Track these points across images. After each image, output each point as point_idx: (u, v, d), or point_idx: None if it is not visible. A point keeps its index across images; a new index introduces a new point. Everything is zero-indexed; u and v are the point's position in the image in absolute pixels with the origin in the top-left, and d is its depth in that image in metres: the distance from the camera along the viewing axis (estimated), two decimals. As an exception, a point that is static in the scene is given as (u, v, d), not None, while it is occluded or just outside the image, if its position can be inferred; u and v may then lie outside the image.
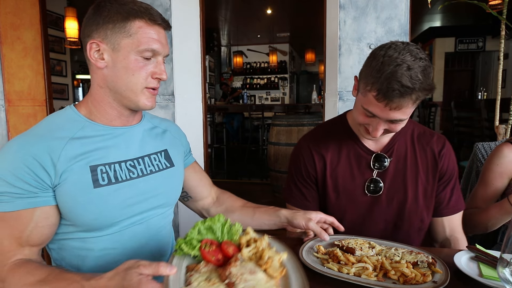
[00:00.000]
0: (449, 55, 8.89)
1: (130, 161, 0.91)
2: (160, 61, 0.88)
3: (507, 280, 0.58)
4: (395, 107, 0.91)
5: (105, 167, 0.86)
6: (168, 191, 1.00)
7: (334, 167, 1.14)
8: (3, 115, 3.12)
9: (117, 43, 0.83)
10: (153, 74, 0.87)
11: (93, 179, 0.83)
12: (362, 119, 1.01)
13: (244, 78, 10.49)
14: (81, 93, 9.42)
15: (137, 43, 0.83)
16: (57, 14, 5.68)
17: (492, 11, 2.08)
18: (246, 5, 6.65)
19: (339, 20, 2.29)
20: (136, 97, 0.87)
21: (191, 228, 0.73)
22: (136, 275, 0.62)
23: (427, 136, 1.14)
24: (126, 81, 0.85)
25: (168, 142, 1.04)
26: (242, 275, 0.65)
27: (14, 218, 0.77)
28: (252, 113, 6.62)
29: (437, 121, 7.19)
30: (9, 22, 3.10)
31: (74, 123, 0.87)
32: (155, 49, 0.85)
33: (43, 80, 3.41)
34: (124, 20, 0.83)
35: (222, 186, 1.21)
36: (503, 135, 2.08)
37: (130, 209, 0.89)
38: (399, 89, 0.88)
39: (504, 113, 2.32)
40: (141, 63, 0.85)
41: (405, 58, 0.90)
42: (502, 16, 2.06)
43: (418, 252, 0.89)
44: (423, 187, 1.10)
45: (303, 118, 4.02)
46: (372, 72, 0.93)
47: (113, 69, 0.85)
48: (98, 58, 0.86)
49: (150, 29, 0.84)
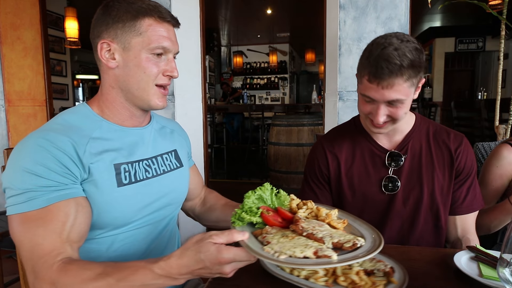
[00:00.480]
0: (449, 55, 8.89)
1: (146, 161, 0.92)
2: (171, 59, 0.88)
3: (507, 280, 0.58)
4: (386, 85, 0.94)
5: (127, 166, 0.86)
6: (178, 191, 1.01)
7: (349, 166, 1.14)
8: (3, 115, 3.12)
9: (128, 42, 0.83)
10: (164, 72, 0.87)
11: (117, 178, 0.83)
12: (364, 108, 1.03)
13: (244, 78, 10.50)
14: (81, 93, 9.42)
15: (148, 41, 0.83)
16: (57, 14, 5.68)
17: (492, 11, 2.09)
18: (246, 5, 6.65)
19: (339, 20, 2.29)
20: (148, 96, 0.87)
21: (244, 199, 0.77)
22: (211, 244, 0.63)
23: (443, 133, 1.13)
24: (138, 80, 0.85)
25: (176, 142, 1.06)
26: (314, 227, 0.71)
27: (52, 213, 0.72)
28: (252, 113, 6.62)
29: (437, 121, 7.19)
30: (9, 22, 3.10)
31: (91, 122, 0.86)
32: (166, 46, 0.85)
33: (43, 80, 3.41)
34: (133, 19, 0.83)
35: (222, 186, 1.22)
36: (503, 135, 2.08)
37: (145, 208, 0.89)
38: (387, 66, 0.91)
39: (504, 113, 2.32)
40: (152, 61, 0.85)
41: (392, 41, 0.94)
42: (502, 16, 2.06)
43: (378, 260, 0.82)
44: (440, 185, 1.09)
45: (303, 118, 4.02)
46: (363, 60, 0.99)
47: (124, 68, 0.85)
48: (109, 58, 0.85)
49: (160, 27, 0.84)
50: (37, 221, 0.71)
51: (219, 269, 0.64)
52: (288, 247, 0.64)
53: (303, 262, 0.61)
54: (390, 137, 1.12)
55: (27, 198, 0.72)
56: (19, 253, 0.75)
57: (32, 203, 0.72)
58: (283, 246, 0.64)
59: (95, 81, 10.05)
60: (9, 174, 0.75)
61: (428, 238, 1.11)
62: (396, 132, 1.11)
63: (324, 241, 0.67)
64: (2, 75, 3.06)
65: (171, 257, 0.66)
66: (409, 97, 0.98)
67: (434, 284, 0.80)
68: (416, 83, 0.97)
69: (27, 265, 0.71)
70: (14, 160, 0.75)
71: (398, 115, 0.99)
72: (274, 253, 0.63)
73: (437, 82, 8.87)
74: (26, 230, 0.71)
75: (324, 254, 0.63)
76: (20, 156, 0.75)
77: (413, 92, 0.99)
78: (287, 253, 0.62)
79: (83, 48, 6.51)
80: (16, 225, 0.72)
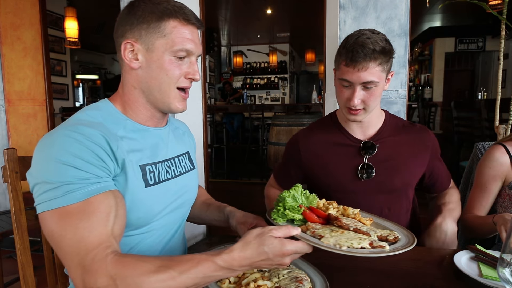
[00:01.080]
0: (449, 55, 8.88)
1: (167, 161, 0.92)
2: (194, 61, 0.87)
3: (507, 280, 0.58)
4: (361, 68, 1.05)
5: (152, 167, 0.86)
6: (191, 192, 1.02)
7: (323, 155, 1.23)
8: (3, 115, 3.12)
9: (151, 43, 0.82)
10: (186, 74, 0.86)
11: (143, 178, 0.83)
12: (342, 95, 1.13)
13: (244, 78, 10.49)
14: (81, 93, 9.42)
15: (172, 43, 0.82)
16: (57, 14, 5.68)
17: (492, 11, 2.08)
18: (246, 5, 6.65)
19: (339, 20, 2.29)
20: (169, 98, 0.86)
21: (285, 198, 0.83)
22: (273, 238, 0.67)
23: (410, 126, 1.26)
24: (159, 81, 0.84)
25: (188, 144, 1.07)
26: (354, 224, 0.80)
27: (93, 205, 0.69)
28: (252, 113, 6.61)
29: (437, 121, 7.19)
30: (9, 22, 3.10)
31: (115, 120, 0.85)
32: (189, 49, 0.84)
33: (43, 80, 3.41)
34: (158, 20, 0.82)
35: (222, 186, 1.22)
36: (503, 135, 2.08)
37: (164, 209, 0.89)
38: (362, 51, 1.04)
39: (504, 113, 2.32)
40: (175, 63, 0.84)
41: (364, 31, 1.10)
42: (502, 16, 2.06)
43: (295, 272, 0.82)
44: (412, 172, 1.20)
45: (303, 118, 4.02)
46: (340, 50, 1.12)
47: (147, 69, 0.84)
48: (132, 58, 0.84)
49: (184, 29, 0.84)
50: (78, 215, 0.68)
51: (280, 261, 0.68)
52: (344, 240, 0.71)
53: (361, 251, 0.69)
54: (364, 130, 1.22)
55: (65, 192, 0.68)
56: (56, 251, 0.69)
57: (71, 196, 0.68)
58: (339, 239, 0.71)
59: (95, 81, 10.05)
60: (41, 169, 0.71)
61: (404, 221, 1.22)
62: (369, 126, 1.21)
63: (370, 234, 0.75)
64: (2, 75, 3.06)
65: (233, 250, 0.68)
66: (381, 81, 1.10)
67: (434, 284, 0.80)
68: (386, 70, 1.11)
69: (71, 260, 0.66)
70: (46, 154, 0.71)
71: (371, 100, 1.10)
72: (335, 244, 0.70)
73: (437, 82, 8.86)
74: (67, 224, 0.67)
75: (379, 244, 0.71)
76: (53, 149, 0.71)
77: (385, 78, 1.12)
78: (345, 244, 0.70)
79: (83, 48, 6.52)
80: (55, 221, 0.68)
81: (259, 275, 0.76)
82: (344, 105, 1.14)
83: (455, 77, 9.12)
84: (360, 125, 1.21)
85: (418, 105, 6.73)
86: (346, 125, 1.23)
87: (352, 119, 1.15)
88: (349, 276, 0.85)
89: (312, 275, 0.79)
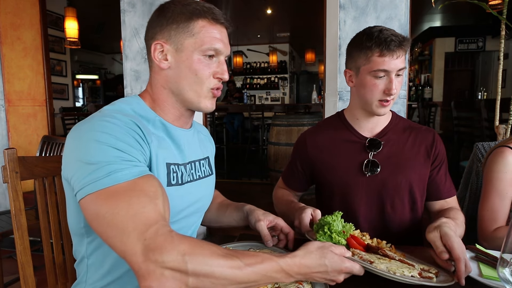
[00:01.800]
0: (449, 55, 8.88)
1: (190, 164, 0.92)
2: (222, 61, 0.88)
3: (507, 280, 0.58)
4: (399, 55, 1.10)
5: (175, 167, 0.86)
6: (208, 198, 1.02)
7: (330, 151, 1.24)
8: (3, 115, 3.12)
9: (181, 43, 0.83)
10: (215, 74, 0.86)
11: (167, 177, 0.83)
12: (375, 88, 1.13)
13: (244, 78, 10.49)
14: (81, 93, 9.42)
15: (200, 42, 0.83)
16: (57, 14, 5.68)
17: (492, 11, 2.08)
18: (246, 5, 6.65)
19: (339, 20, 2.29)
20: (199, 97, 0.86)
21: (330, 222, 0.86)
22: (334, 254, 0.70)
23: (416, 127, 1.27)
24: (189, 81, 0.85)
25: (208, 149, 1.06)
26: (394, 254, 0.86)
27: (140, 185, 0.66)
28: (252, 113, 6.62)
29: (437, 121, 7.18)
30: (9, 22, 3.10)
31: (146, 115, 0.86)
32: (218, 48, 0.85)
33: (43, 80, 3.41)
34: (187, 20, 0.83)
35: (222, 186, 1.22)
36: (503, 135, 2.08)
37: (182, 212, 0.89)
38: (395, 39, 1.08)
39: (504, 113, 2.32)
40: (204, 62, 0.84)
41: (381, 27, 1.13)
42: (502, 16, 2.06)
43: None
44: (416, 171, 1.20)
45: (303, 118, 4.02)
46: (363, 43, 1.12)
47: (176, 69, 0.85)
48: (162, 59, 0.85)
49: (213, 28, 0.85)
50: (128, 192, 0.64)
51: (335, 277, 0.70)
52: (395, 267, 0.76)
53: (411, 279, 0.73)
54: (371, 129, 1.23)
55: (109, 172, 0.65)
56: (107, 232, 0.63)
57: (115, 176, 0.65)
58: (389, 266, 0.76)
59: (95, 81, 10.05)
60: (80, 152, 0.68)
61: (406, 219, 1.21)
62: (377, 124, 1.23)
63: (414, 266, 0.80)
64: (2, 75, 3.06)
65: (296, 256, 0.68)
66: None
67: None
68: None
69: (128, 237, 0.60)
70: (86, 137, 0.69)
71: (400, 87, 1.15)
72: (388, 270, 0.74)
73: (437, 82, 8.86)
74: (118, 201, 0.63)
75: (427, 275, 0.76)
76: (93, 132, 0.69)
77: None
78: (397, 271, 0.74)
79: (83, 48, 6.52)
80: (101, 202, 0.64)
81: None
82: (378, 98, 1.14)
83: (455, 77, 9.12)
84: (370, 122, 1.22)
85: (418, 105, 6.73)
86: (354, 123, 1.25)
87: (383, 112, 1.17)
88: (350, 281, 0.84)
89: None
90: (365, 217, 1.19)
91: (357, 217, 1.19)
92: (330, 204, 1.24)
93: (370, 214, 1.20)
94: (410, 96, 8.87)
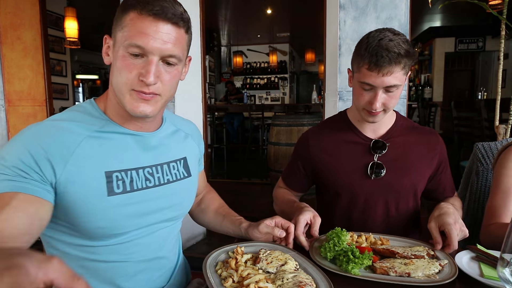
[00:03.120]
0: (449, 55, 8.88)
1: (148, 168, 0.85)
2: (151, 61, 0.75)
3: (507, 280, 0.58)
4: (386, 73, 1.02)
5: (121, 174, 0.79)
6: (183, 203, 0.95)
7: (333, 153, 1.22)
8: (3, 115, 3.12)
9: (115, 37, 0.78)
10: (139, 75, 0.75)
11: (108, 186, 0.77)
12: (361, 98, 1.10)
13: (244, 78, 10.49)
14: (81, 93, 9.42)
15: (126, 37, 0.74)
16: (57, 14, 5.68)
17: (492, 11, 2.08)
18: (246, 5, 6.65)
19: (339, 20, 2.29)
20: (123, 99, 0.78)
21: (340, 241, 0.87)
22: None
23: (420, 129, 1.25)
24: (116, 80, 0.78)
25: (188, 149, 0.99)
26: (406, 252, 0.88)
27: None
28: (252, 113, 6.62)
29: (437, 121, 7.18)
30: (9, 22, 3.10)
31: (93, 119, 0.81)
32: (141, 45, 0.73)
33: (43, 80, 3.41)
34: (122, 12, 0.77)
35: (222, 186, 1.22)
36: (503, 135, 2.08)
37: (141, 219, 0.83)
38: (387, 55, 1.00)
39: (504, 113, 2.32)
40: (128, 60, 0.75)
41: (386, 34, 1.04)
42: (502, 16, 2.06)
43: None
44: (421, 173, 1.19)
45: (303, 118, 4.02)
46: (360, 52, 1.06)
47: (113, 66, 0.79)
48: (105, 53, 0.82)
49: (140, 21, 0.73)
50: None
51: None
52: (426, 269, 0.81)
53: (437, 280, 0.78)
54: (375, 130, 1.21)
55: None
56: None
57: None
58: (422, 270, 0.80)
59: (95, 81, 10.04)
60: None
61: (409, 219, 1.21)
62: (381, 125, 1.20)
63: (424, 256, 0.87)
64: (2, 75, 3.06)
65: None
66: (403, 83, 1.07)
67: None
68: (408, 71, 1.08)
69: None
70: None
71: (391, 103, 1.08)
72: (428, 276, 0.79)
73: (437, 82, 8.86)
74: None
75: (440, 263, 0.84)
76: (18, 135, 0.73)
77: (405, 79, 1.08)
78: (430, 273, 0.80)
79: (83, 48, 6.51)
80: None
81: (263, 277, 0.76)
82: (363, 108, 1.12)
83: (455, 77, 9.12)
84: (372, 124, 1.19)
85: (418, 105, 6.73)
86: (358, 124, 1.22)
87: (371, 120, 1.14)
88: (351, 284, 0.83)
89: (320, 281, 0.77)
90: (369, 219, 1.18)
91: (360, 219, 1.18)
92: (333, 205, 1.22)
93: (375, 217, 1.18)
94: (410, 96, 8.87)
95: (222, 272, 0.80)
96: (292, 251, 0.91)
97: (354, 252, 0.83)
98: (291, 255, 0.88)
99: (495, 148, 1.44)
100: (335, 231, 0.90)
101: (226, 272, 0.79)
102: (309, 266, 0.84)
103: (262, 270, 0.80)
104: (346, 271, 0.80)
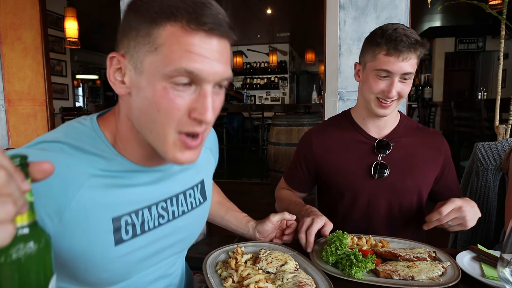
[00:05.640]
0: (449, 55, 8.89)
1: (162, 202, 0.70)
2: (206, 92, 0.57)
3: (507, 280, 0.58)
4: (406, 57, 1.03)
5: (131, 217, 0.64)
6: (195, 232, 0.83)
7: (337, 152, 1.21)
8: (3, 115, 3.12)
9: (140, 60, 0.56)
10: (191, 112, 0.57)
11: (115, 235, 0.62)
12: (376, 86, 1.09)
13: (244, 78, 10.49)
14: (81, 93, 9.42)
15: (165, 61, 0.54)
16: (57, 14, 5.68)
17: (492, 11, 2.08)
18: (246, 5, 6.65)
19: (339, 20, 2.29)
20: (163, 145, 0.59)
21: (342, 244, 0.86)
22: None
23: (424, 130, 1.25)
24: (151, 119, 0.57)
25: (206, 168, 0.85)
26: (408, 253, 0.88)
27: None
28: (252, 113, 6.61)
29: (437, 121, 7.18)
30: (9, 22, 3.10)
31: (99, 152, 0.62)
32: (195, 71, 0.54)
33: (43, 80, 3.40)
34: (150, 25, 0.54)
35: (222, 186, 1.21)
36: (503, 135, 2.08)
37: (150, 260, 0.71)
38: (407, 40, 1.02)
39: (504, 113, 2.32)
40: (173, 93, 0.55)
41: (398, 25, 1.07)
42: (502, 16, 2.06)
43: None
44: (426, 173, 1.18)
45: (303, 118, 4.02)
46: (376, 40, 1.06)
47: (136, 98, 0.58)
48: (118, 80, 0.60)
49: (189, 38, 0.54)
50: None
51: None
52: (430, 272, 0.81)
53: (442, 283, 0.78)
54: (379, 130, 1.20)
55: None
56: None
57: None
58: (426, 273, 0.80)
59: (95, 81, 10.05)
60: None
61: (412, 219, 1.20)
62: (385, 125, 1.19)
63: (426, 258, 0.87)
64: (2, 75, 3.06)
65: None
66: (414, 74, 1.08)
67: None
68: (418, 62, 1.09)
69: None
70: None
71: (405, 92, 1.08)
72: (432, 279, 0.79)
73: (437, 82, 8.86)
74: None
75: (442, 265, 0.84)
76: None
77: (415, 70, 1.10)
78: (433, 275, 0.80)
79: (83, 48, 6.51)
80: None
81: (263, 277, 0.76)
82: (376, 97, 1.10)
83: (455, 77, 9.12)
84: (377, 123, 1.18)
85: (418, 105, 6.73)
86: (362, 123, 1.21)
87: (382, 113, 1.11)
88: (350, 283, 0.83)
89: (319, 281, 0.77)
90: (372, 220, 1.17)
91: (363, 219, 1.17)
92: (335, 206, 1.21)
93: (377, 217, 1.17)
94: (410, 96, 8.87)
95: (222, 272, 0.80)
96: (292, 251, 0.91)
97: (357, 255, 0.82)
98: (291, 255, 0.88)
99: (495, 148, 1.44)
100: (337, 234, 0.88)
101: (226, 272, 0.79)
102: (309, 266, 0.84)
103: (262, 270, 0.81)
104: (349, 276, 0.79)
